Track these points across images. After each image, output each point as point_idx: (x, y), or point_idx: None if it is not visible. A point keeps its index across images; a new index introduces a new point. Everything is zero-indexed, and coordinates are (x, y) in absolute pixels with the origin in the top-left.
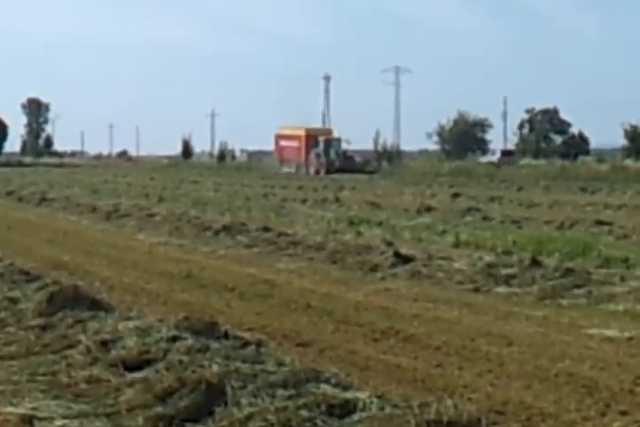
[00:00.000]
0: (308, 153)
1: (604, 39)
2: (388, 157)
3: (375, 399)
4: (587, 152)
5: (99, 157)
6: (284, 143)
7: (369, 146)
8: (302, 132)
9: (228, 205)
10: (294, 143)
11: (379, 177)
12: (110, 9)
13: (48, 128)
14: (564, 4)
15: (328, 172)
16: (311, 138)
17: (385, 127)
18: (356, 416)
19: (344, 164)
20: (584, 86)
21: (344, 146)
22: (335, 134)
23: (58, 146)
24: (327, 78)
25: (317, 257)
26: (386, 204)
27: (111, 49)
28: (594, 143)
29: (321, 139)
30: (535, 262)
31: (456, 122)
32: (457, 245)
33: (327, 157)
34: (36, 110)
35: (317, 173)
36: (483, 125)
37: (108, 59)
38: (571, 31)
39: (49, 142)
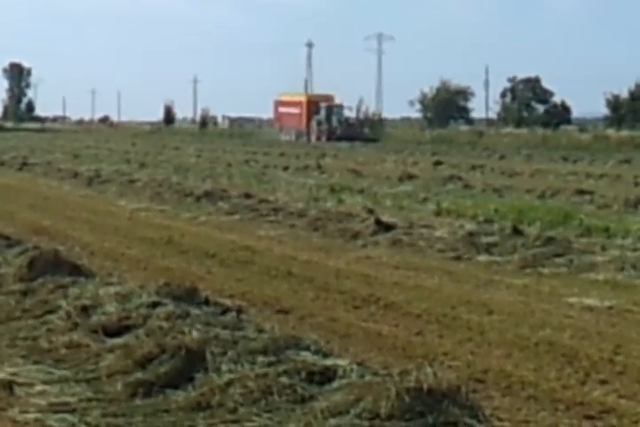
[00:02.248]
0: (309, 120)
1: (587, 9)
2: (371, 125)
3: (355, 367)
4: (569, 121)
5: (80, 122)
6: (283, 110)
7: (352, 113)
8: (303, 99)
9: (210, 171)
10: (295, 110)
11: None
12: None
13: (30, 93)
14: None
15: (329, 139)
16: (312, 104)
17: (367, 95)
18: (335, 383)
19: (346, 131)
20: (566, 56)
21: (346, 113)
22: (337, 101)
23: (40, 111)
24: (310, 45)
25: (299, 224)
26: (368, 171)
27: (94, 15)
28: (576, 113)
29: (323, 105)
30: (516, 231)
31: (438, 90)
32: (438, 213)
33: (329, 124)
34: (17, 75)
35: (318, 140)
36: (465, 94)
37: (91, 25)
38: (553, 0)
39: (30, 107)
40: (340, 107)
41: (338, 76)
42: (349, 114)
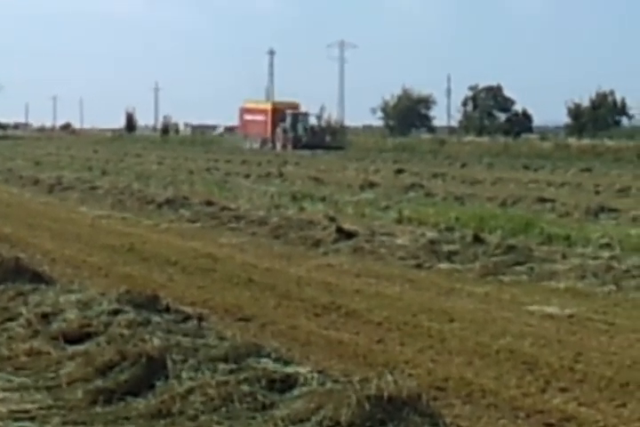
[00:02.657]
0: (274, 128)
1: (548, 17)
2: (332, 133)
3: (316, 374)
4: (530, 130)
5: (42, 129)
6: (248, 117)
7: (313, 121)
8: (269, 106)
9: (172, 178)
10: (260, 117)
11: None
12: None
13: None
14: None
15: (295, 147)
16: (278, 112)
17: (329, 102)
18: (296, 391)
19: (312, 139)
20: (528, 64)
21: (312, 121)
22: (303, 109)
23: (1, 118)
24: (272, 53)
25: (260, 232)
26: (329, 179)
27: (55, 21)
28: (537, 121)
29: (288, 113)
30: (477, 239)
31: (400, 98)
32: (400, 221)
33: (294, 131)
34: None
35: (284, 148)
36: (427, 102)
37: (53, 31)
38: (515, 9)
39: None
40: (306, 115)
41: (300, 83)
42: (313, 122)
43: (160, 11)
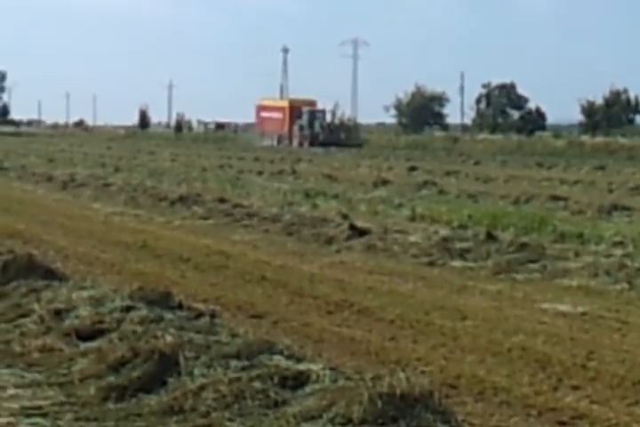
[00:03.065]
0: (291, 125)
1: (561, 15)
2: (346, 130)
3: (328, 371)
4: (543, 128)
5: (55, 126)
6: (265, 115)
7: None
8: (285, 104)
9: (185, 175)
10: (277, 115)
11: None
12: None
13: (5, 97)
14: None
15: (312, 144)
16: (295, 109)
17: (343, 100)
18: (308, 388)
19: (329, 137)
20: (541, 62)
21: (329, 118)
22: (320, 106)
23: (14, 114)
24: (285, 50)
25: (273, 229)
26: (342, 176)
27: (70, 18)
28: (551, 119)
29: (305, 110)
30: (490, 237)
31: (413, 96)
32: (413, 218)
33: (311, 129)
34: None
35: (301, 145)
36: (440, 99)
37: (67, 28)
38: (527, 6)
39: (5, 111)
40: (323, 112)
41: (313, 81)
42: (331, 119)
43: (174, 8)
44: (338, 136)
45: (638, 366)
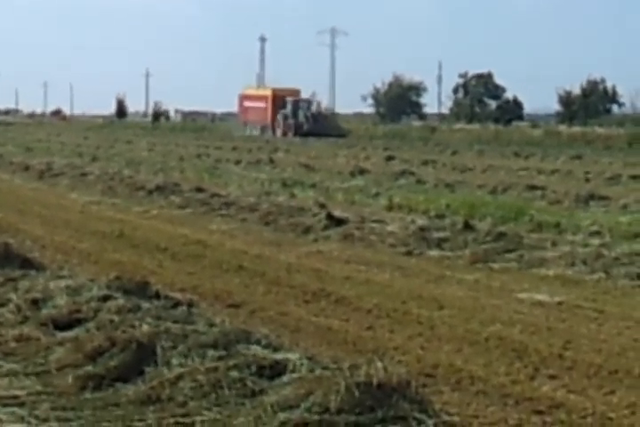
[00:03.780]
0: (274, 115)
1: (539, 5)
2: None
3: (305, 361)
4: (520, 117)
5: (32, 115)
6: (248, 104)
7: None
8: (269, 93)
9: (162, 165)
10: (260, 104)
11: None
12: None
13: None
14: None
15: (296, 134)
16: (278, 98)
17: (320, 90)
18: (285, 378)
19: (313, 126)
20: (519, 52)
21: (314, 108)
22: (304, 95)
23: None
24: (263, 40)
25: (250, 218)
26: (320, 166)
27: (46, 7)
28: (528, 108)
29: (289, 100)
30: (467, 226)
31: (391, 85)
32: (390, 208)
33: (295, 118)
34: None
35: (285, 135)
36: (417, 89)
37: (43, 17)
38: None
39: None
40: (307, 101)
41: (291, 70)
42: (316, 108)
43: None
44: (323, 126)
45: (615, 356)
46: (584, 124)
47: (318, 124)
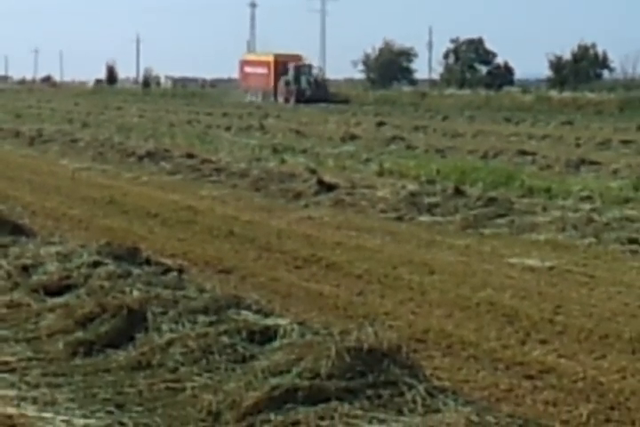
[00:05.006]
0: (276, 80)
1: None
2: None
3: (296, 326)
4: (511, 82)
5: (23, 81)
6: (249, 70)
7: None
8: (271, 58)
9: (152, 131)
10: (261, 70)
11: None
12: None
13: None
14: None
15: (298, 101)
16: (280, 64)
17: (311, 55)
18: (276, 343)
19: (316, 92)
20: (510, 17)
21: (315, 73)
22: (306, 61)
23: None
24: (253, 5)
25: (241, 184)
26: (310, 132)
27: None
28: (519, 74)
29: (291, 65)
30: (458, 192)
31: (381, 51)
32: (381, 173)
33: (297, 84)
34: None
35: (287, 101)
36: (408, 55)
37: None
38: None
39: None
40: (309, 67)
41: (281, 36)
42: (318, 74)
43: None
44: (325, 92)
45: (605, 320)
46: (575, 90)
47: (321, 91)
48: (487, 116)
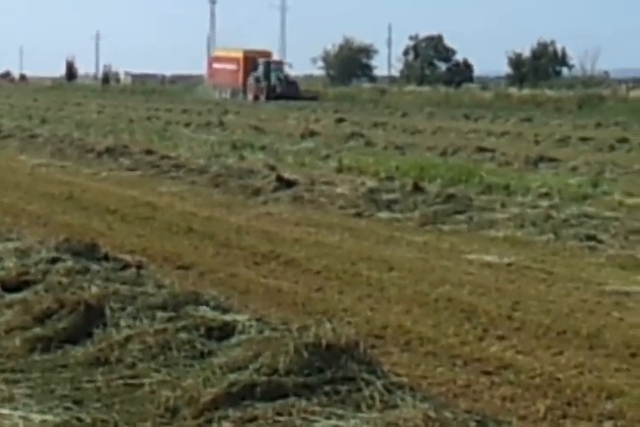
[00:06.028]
0: (246, 77)
1: None
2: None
3: (254, 322)
4: (471, 80)
5: None
6: (218, 66)
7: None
8: (240, 54)
9: (112, 127)
10: (230, 66)
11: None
12: None
13: None
14: None
15: (268, 98)
16: (250, 60)
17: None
18: (234, 339)
19: (286, 89)
20: (469, 14)
21: (286, 70)
22: (276, 57)
23: None
24: (213, 1)
25: (200, 180)
26: (270, 128)
27: None
28: (478, 71)
29: (261, 61)
30: (417, 188)
31: (341, 47)
32: (340, 170)
33: (267, 81)
34: None
35: (256, 98)
36: (368, 51)
37: None
38: None
39: None
40: (280, 63)
41: (241, 32)
42: (289, 71)
43: None
44: (296, 89)
45: (563, 317)
46: (534, 87)
47: (291, 87)
48: (446, 112)
